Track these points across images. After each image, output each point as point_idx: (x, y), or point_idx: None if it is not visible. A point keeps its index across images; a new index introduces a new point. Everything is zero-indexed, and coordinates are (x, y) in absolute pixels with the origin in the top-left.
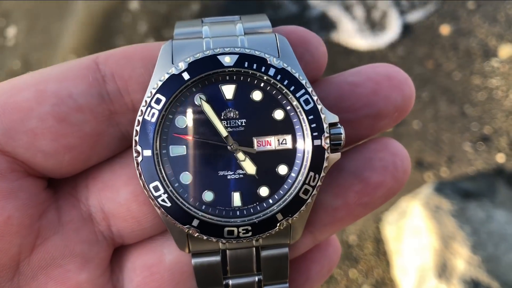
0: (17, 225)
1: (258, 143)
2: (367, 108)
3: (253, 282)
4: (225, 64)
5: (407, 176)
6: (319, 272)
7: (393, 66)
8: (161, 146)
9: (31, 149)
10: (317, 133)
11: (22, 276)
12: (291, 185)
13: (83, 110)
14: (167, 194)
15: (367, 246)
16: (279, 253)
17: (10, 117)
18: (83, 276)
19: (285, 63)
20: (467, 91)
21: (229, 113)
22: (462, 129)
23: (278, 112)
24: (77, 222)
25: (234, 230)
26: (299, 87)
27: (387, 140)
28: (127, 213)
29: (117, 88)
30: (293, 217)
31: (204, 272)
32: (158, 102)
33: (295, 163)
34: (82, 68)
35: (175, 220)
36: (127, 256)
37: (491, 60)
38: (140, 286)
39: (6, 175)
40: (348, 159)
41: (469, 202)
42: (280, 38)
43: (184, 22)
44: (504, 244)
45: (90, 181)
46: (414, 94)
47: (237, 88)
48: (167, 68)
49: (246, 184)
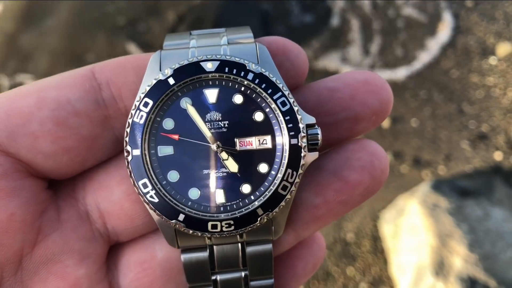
0: (20, 222)
1: (240, 143)
2: (345, 112)
3: (239, 278)
4: (207, 69)
5: (385, 176)
6: (305, 268)
7: (371, 73)
8: (150, 146)
9: (32, 150)
10: (293, 132)
11: (24, 271)
12: (271, 182)
13: (80, 114)
14: (155, 191)
15: (364, 244)
16: (263, 249)
17: (13, 121)
18: (81, 271)
19: (263, 69)
20: (465, 89)
21: (212, 116)
22: (460, 127)
23: (258, 114)
24: (75, 220)
25: (217, 224)
26: (276, 90)
27: (365, 141)
28: (121, 211)
29: (112, 94)
30: (272, 211)
31: (193, 267)
32: (146, 105)
33: (274, 161)
34: (79, 77)
35: (162, 215)
36: (122, 254)
37: (489, 58)
38: (133, 281)
39: (9, 174)
40: (328, 159)
41: (466, 200)
42: (260, 47)
43: (174, 35)
44: (501, 242)
45: (87, 182)
46: (391, 98)
47: (220, 92)
48: (155, 75)
49: (229, 181)
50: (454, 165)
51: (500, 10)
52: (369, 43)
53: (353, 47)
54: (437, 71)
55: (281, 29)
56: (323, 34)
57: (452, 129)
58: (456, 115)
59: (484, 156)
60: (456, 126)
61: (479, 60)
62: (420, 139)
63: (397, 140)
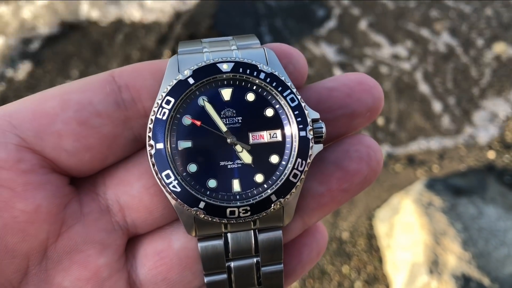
0: (46, 213)
1: (253, 137)
2: (343, 109)
3: (252, 264)
4: (223, 70)
5: (380, 166)
6: (310, 254)
7: (363, 74)
8: (171, 141)
9: (56, 148)
10: (302, 125)
11: (49, 261)
12: (282, 171)
13: (102, 115)
14: (177, 181)
15: (359, 243)
16: (274, 236)
17: (40, 122)
18: (102, 260)
19: (273, 69)
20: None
21: (227, 112)
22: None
23: (268, 110)
24: (96, 213)
25: (235, 211)
26: (286, 88)
27: (361, 136)
28: (140, 204)
29: (131, 96)
30: (285, 198)
31: (208, 255)
32: (168, 103)
33: (285, 152)
34: (100, 81)
35: (184, 203)
36: (140, 245)
37: (485, 56)
38: (151, 269)
39: (37, 170)
40: (329, 151)
41: (460, 199)
42: (267, 51)
43: (186, 42)
44: (494, 240)
45: (107, 178)
46: (382, 96)
47: (234, 91)
48: (175, 76)
49: (244, 172)
50: (448, 163)
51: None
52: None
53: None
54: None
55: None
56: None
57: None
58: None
59: (478, 155)
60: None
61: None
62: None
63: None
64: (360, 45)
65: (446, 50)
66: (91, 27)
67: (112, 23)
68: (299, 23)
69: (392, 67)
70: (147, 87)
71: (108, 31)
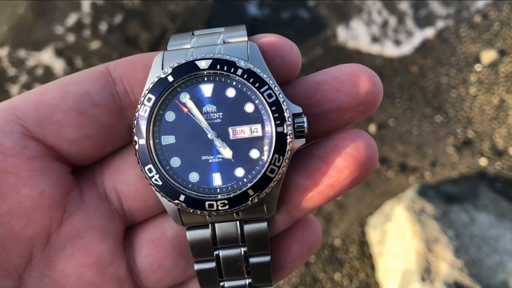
0: (49, 199)
1: (233, 132)
2: (330, 103)
3: (239, 253)
4: (201, 67)
5: (373, 163)
6: (300, 250)
7: (359, 65)
8: (154, 136)
9: (58, 137)
10: (279, 121)
11: (52, 247)
12: (261, 166)
13: (99, 105)
14: (159, 175)
15: (351, 250)
16: (259, 227)
17: (42, 112)
18: (103, 246)
19: (252, 65)
20: (451, 96)
21: (208, 108)
22: (446, 133)
23: (248, 105)
24: (96, 201)
25: (213, 204)
26: (263, 84)
27: (354, 130)
28: (136, 192)
29: (125, 88)
30: (262, 192)
31: (197, 243)
32: (149, 100)
33: (264, 147)
34: (97, 73)
35: (165, 196)
36: (135, 234)
37: (474, 66)
38: (147, 257)
39: (41, 157)
40: (317, 146)
41: (452, 206)
42: (250, 45)
43: (178, 36)
44: (486, 247)
45: (104, 167)
46: (380, 89)
47: (214, 87)
48: (158, 73)
49: (225, 166)
50: (440, 170)
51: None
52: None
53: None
54: (423, 78)
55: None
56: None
57: (438, 135)
58: (442, 122)
59: (470, 162)
60: (443, 132)
61: (466, 68)
62: (407, 145)
63: (383, 145)
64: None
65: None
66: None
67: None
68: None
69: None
70: (138, 81)
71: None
